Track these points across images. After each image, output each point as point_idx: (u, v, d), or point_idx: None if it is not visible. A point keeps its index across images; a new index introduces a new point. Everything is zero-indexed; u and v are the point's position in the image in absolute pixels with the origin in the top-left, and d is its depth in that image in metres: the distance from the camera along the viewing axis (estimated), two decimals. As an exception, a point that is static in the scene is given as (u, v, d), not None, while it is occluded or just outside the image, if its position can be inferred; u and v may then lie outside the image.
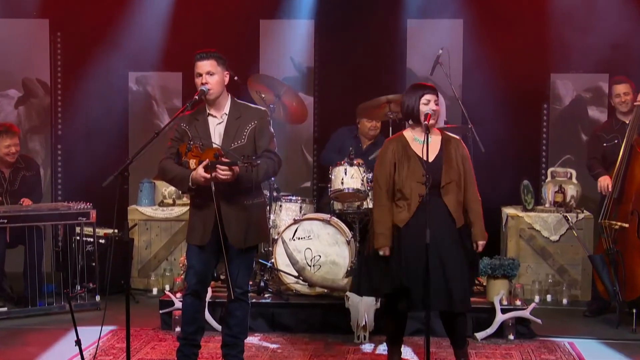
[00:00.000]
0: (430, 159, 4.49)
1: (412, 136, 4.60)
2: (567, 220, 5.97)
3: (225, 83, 4.48)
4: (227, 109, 4.47)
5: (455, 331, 4.66)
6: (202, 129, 4.42)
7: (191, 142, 4.31)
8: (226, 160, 4.24)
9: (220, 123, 4.45)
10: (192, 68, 4.44)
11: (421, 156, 4.44)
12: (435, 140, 4.58)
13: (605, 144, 6.11)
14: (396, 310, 4.58)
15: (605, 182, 5.94)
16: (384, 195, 4.56)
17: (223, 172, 4.22)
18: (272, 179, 6.15)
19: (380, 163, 4.62)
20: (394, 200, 4.54)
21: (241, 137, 4.41)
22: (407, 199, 4.49)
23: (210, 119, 4.46)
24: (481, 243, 4.54)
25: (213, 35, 7.19)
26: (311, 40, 7.78)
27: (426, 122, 4.45)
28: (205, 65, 4.38)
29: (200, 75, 4.39)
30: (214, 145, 4.36)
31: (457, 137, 4.71)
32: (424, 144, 4.41)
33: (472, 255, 4.57)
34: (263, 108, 4.63)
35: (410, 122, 4.62)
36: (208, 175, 4.22)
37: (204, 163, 4.22)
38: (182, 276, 5.55)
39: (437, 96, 4.59)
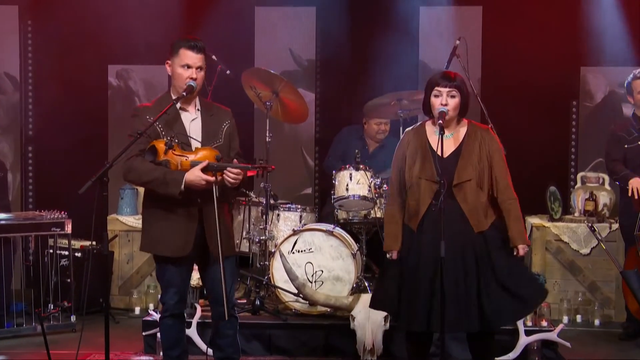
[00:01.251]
0: (446, 154, 4.46)
1: (434, 129, 4.55)
2: (594, 231, 5.91)
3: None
4: (198, 105, 4.53)
5: (484, 355, 4.62)
6: (177, 125, 4.43)
7: (173, 139, 4.32)
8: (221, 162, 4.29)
9: (194, 119, 4.48)
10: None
11: (435, 151, 4.41)
12: (458, 134, 4.54)
13: (626, 145, 6.10)
14: (415, 331, 4.52)
15: (637, 184, 5.91)
16: (395, 191, 4.59)
17: (235, 176, 4.26)
18: (269, 185, 6.18)
19: (395, 154, 4.65)
20: (406, 198, 4.54)
21: (218, 136, 4.48)
22: (417, 200, 4.48)
23: (182, 114, 4.48)
24: (521, 247, 4.44)
25: (203, 24, 7.21)
26: (313, 30, 7.80)
27: (440, 122, 4.41)
28: (197, 59, 4.42)
29: (190, 67, 4.41)
30: (195, 143, 4.39)
31: (486, 126, 4.66)
32: (438, 143, 4.38)
33: (511, 261, 4.46)
34: (226, 107, 4.68)
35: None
36: (211, 178, 4.25)
37: (203, 164, 4.24)
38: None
39: (456, 87, 4.47)
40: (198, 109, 4.50)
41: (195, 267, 4.66)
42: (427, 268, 4.43)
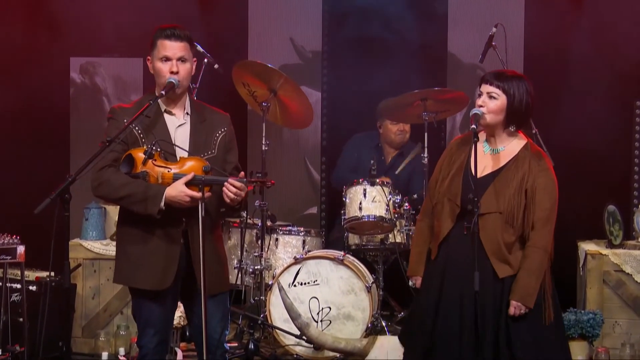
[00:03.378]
0: (483, 172, 4.46)
1: (483, 139, 4.58)
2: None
3: (193, 73, 4.54)
4: (187, 108, 4.52)
5: None
6: (159, 130, 4.43)
7: (154, 147, 4.33)
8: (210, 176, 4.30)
9: (181, 125, 4.48)
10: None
11: (472, 168, 4.42)
12: (508, 153, 4.51)
13: None
14: None
15: None
16: (426, 206, 4.64)
17: (237, 191, 4.26)
18: (265, 202, 6.20)
19: (437, 164, 4.69)
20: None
21: (211, 146, 4.47)
22: (439, 221, 4.51)
23: (167, 117, 4.48)
24: (515, 305, 4.34)
25: (186, 9, 7.25)
26: (319, 17, 7.84)
27: (473, 126, 4.40)
28: (177, 48, 4.41)
29: (169, 60, 4.41)
30: (182, 153, 4.38)
31: (544, 154, 4.56)
32: (470, 156, 4.39)
33: (536, 330, 4.44)
34: (224, 112, 4.68)
35: None
36: (197, 194, 4.26)
37: (187, 177, 4.25)
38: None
39: (502, 88, 4.43)
40: (187, 113, 4.50)
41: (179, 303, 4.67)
42: (449, 305, 4.45)
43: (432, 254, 4.54)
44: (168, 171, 4.28)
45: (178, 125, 4.47)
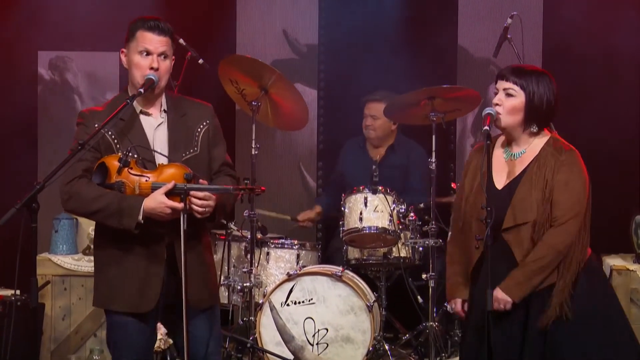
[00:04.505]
0: (501, 185, 4.48)
1: (503, 147, 4.60)
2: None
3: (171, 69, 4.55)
4: (164, 104, 4.51)
5: None
6: (135, 134, 4.42)
7: (129, 154, 4.32)
8: (201, 182, 4.28)
9: (160, 125, 4.48)
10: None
11: (493, 178, 4.44)
12: (530, 154, 4.51)
13: None
14: None
15: None
16: (455, 225, 4.67)
17: (202, 202, 4.23)
18: (255, 214, 6.20)
19: (460, 182, 4.75)
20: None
21: (192, 144, 4.46)
22: (469, 242, 4.55)
23: (143, 118, 4.48)
24: (499, 297, 4.36)
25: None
26: (315, 6, 7.84)
27: (486, 127, 4.37)
28: (160, 43, 4.41)
29: (150, 54, 4.40)
30: (162, 159, 4.38)
31: (567, 146, 4.55)
32: (482, 161, 4.34)
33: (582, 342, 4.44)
34: (206, 102, 4.67)
35: None
36: (179, 205, 4.24)
37: (167, 186, 4.23)
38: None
39: (520, 84, 4.43)
40: (164, 110, 4.50)
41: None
42: (472, 327, 4.52)
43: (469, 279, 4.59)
44: (146, 180, 4.27)
45: (156, 126, 4.46)
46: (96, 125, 4.32)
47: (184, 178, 4.25)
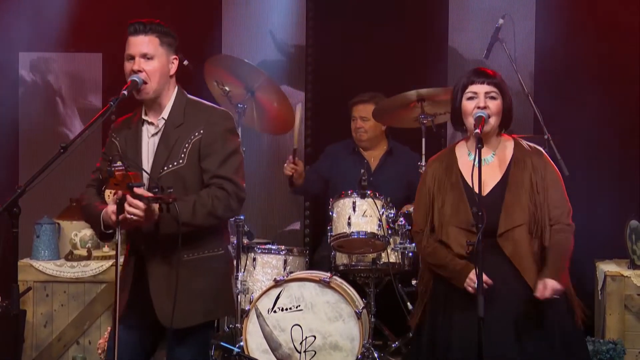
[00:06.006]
0: (486, 191, 4.50)
1: (466, 151, 4.63)
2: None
3: (172, 73, 4.51)
4: (166, 112, 4.48)
5: None
6: (131, 143, 4.46)
7: (114, 164, 4.30)
8: (151, 193, 4.24)
9: (155, 134, 4.48)
10: (120, 47, 4.48)
11: (471, 184, 4.44)
12: (502, 157, 4.59)
13: None
14: None
15: None
16: (425, 239, 4.66)
17: (128, 210, 4.21)
18: (242, 217, 6.17)
19: (417, 195, 4.73)
20: None
21: (178, 155, 4.42)
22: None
23: (145, 127, 4.49)
24: (550, 284, 4.41)
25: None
26: (302, 6, 7.83)
27: (477, 131, 4.42)
28: (140, 44, 4.40)
29: (132, 58, 4.40)
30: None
31: (539, 148, 4.70)
32: (473, 165, 4.36)
33: (568, 338, 4.55)
34: (222, 109, 4.64)
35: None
36: (113, 216, 4.27)
37: (116, 195, 4.24)
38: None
39: (497, 85, 4.54)
40: (163, 118, 4.48)
41: None
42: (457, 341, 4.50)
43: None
44: (113, 193, 4.31)
45: (152, 134, 4.49)
46: (112, 136, 4.53)
47: (127, 187, 4.22)
